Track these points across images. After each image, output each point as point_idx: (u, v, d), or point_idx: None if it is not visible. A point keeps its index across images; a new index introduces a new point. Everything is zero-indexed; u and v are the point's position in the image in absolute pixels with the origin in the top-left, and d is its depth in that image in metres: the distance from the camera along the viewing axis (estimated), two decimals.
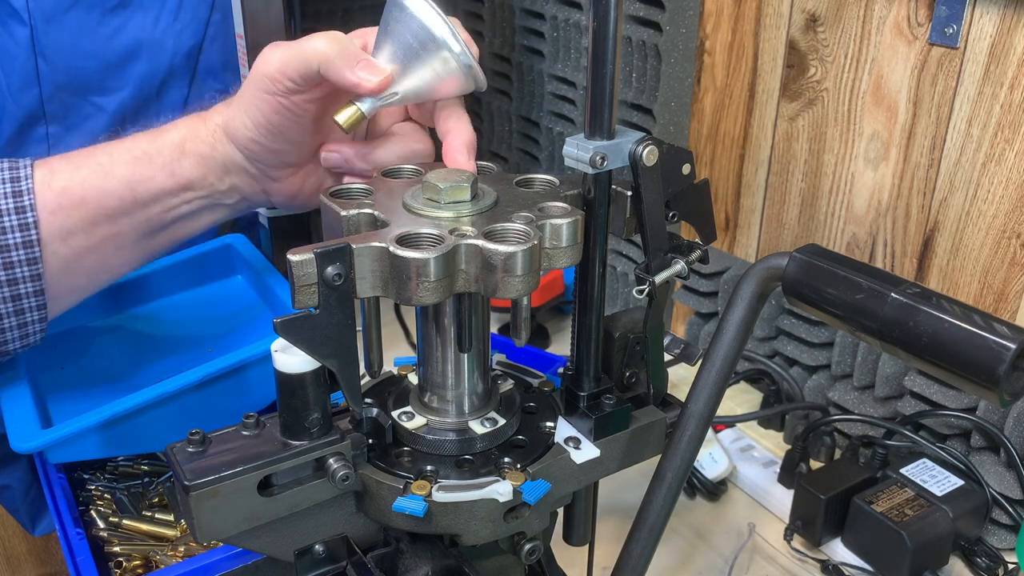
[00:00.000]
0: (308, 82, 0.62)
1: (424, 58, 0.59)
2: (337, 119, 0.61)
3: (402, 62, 0.60)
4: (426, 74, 0.60)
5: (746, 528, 0.86)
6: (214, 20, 1.01)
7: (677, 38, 1.00)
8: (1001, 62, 0.76)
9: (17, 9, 0.90)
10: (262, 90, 0.63)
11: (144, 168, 0.68)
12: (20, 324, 0.69)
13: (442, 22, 0.58)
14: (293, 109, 0.64)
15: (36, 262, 0.66)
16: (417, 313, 0.56)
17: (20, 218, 0.65)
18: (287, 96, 0.63)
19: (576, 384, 0.58)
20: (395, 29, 0.59)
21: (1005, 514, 0.80)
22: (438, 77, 0.60)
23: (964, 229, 0.82)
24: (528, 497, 0.52)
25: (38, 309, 0.69)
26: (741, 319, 0.51)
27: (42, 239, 0.66)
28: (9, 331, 0.69)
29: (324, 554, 0.55)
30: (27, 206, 0.65)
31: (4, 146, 0.95)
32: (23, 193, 0.65)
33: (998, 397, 0.42)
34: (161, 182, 0.68)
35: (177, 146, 0.68)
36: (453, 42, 0.59)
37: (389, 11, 0.60)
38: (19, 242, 0.65)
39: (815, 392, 0.96)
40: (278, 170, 0.69)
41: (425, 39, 0.59)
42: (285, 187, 0.70)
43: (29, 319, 0.69)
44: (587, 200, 0.54)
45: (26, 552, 1.44)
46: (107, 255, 0.69)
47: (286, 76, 0.62)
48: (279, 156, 0.67)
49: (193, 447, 0.51)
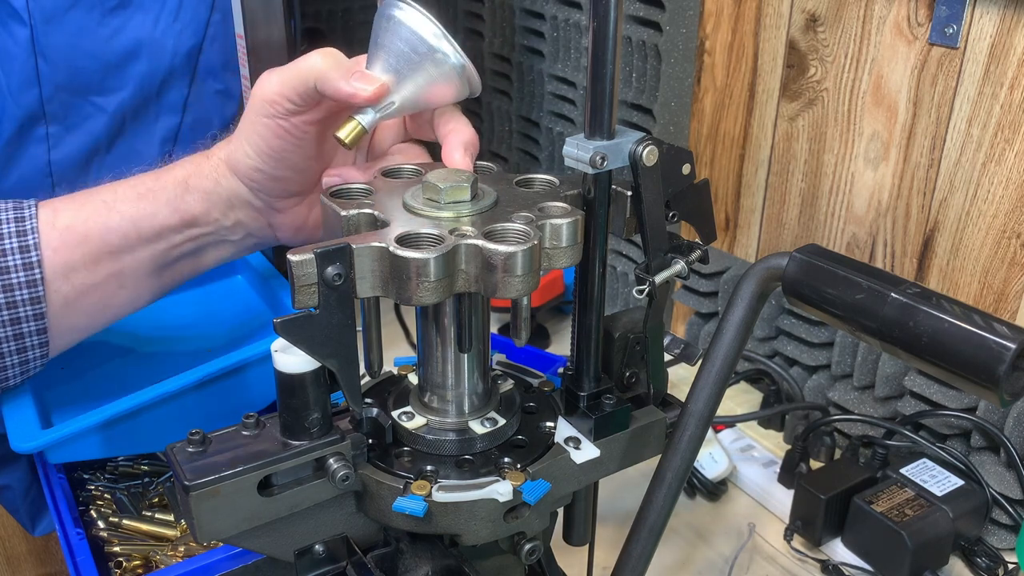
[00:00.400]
0: (306, 100, 0.62)
1: (418, 64, 0.59)
2: (339, 135, 0.61)
3: (396, 71, 0.60)
4: (421, 80, 0.60)
5: (746, 528, 0.86)
6: (214, 20, 1.01)
7: (677, 38, 1.00)
8: (1001, 62, 0.76)
9: (17, 9, 0.90)
10: (262, 115, 0.63)
11: (148, 204, 0.68)
12: (22, 361, 0.69)
13: (432, 26, 0.58)
14: (294, 132, 0.64)
15: (40, 301, 0.67)
16: (417, 313, 0.56)
17: (24, 257, 0.66)
18: (287, 118, 0.63)
19: (576, 384, 0.58)
20: (386, 39, 0.59)
21: (1005, 514, 0.80)
22: (433, 82, 0.60)
23: (964, 229, 0.82)
24: (528, 497, 0.52)
25: (40, 347, 0.69)
26: (741, 319, 0.51)
27: (45, 277, 0.66)
28: (11, 368, 0.69)
29: (324, 554, 0.55)
30: (31, 245, 0.66)
31: (4, 146, 0.95)
32: (27, 232, 0.66)
33: (998, 397, 0.42)
34: (165, 218, 0.68)
35: (181, 182, 0.68)
36: (445, 44, 0.58)
37: (378, 22, 0.60)
38: (23, 281, 0.66)
39: (815, 392, 0.96)
40: (282, 200, 0.69)
41: (416, 44, 0.59)
42: (290, 219, 0.70)
43: (31, 356, 0.69)
44: (587, 200, 0.54)
45: (26, 552, 1.44)
46: (110, 293, 0.70)
47: (284, 97, 0.62)
48: (283, 185, 0.67)
49: (193, 447, 0.51)
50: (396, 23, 0.59)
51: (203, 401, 0.75)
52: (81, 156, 0.98)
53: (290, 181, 0.67)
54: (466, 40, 1.37)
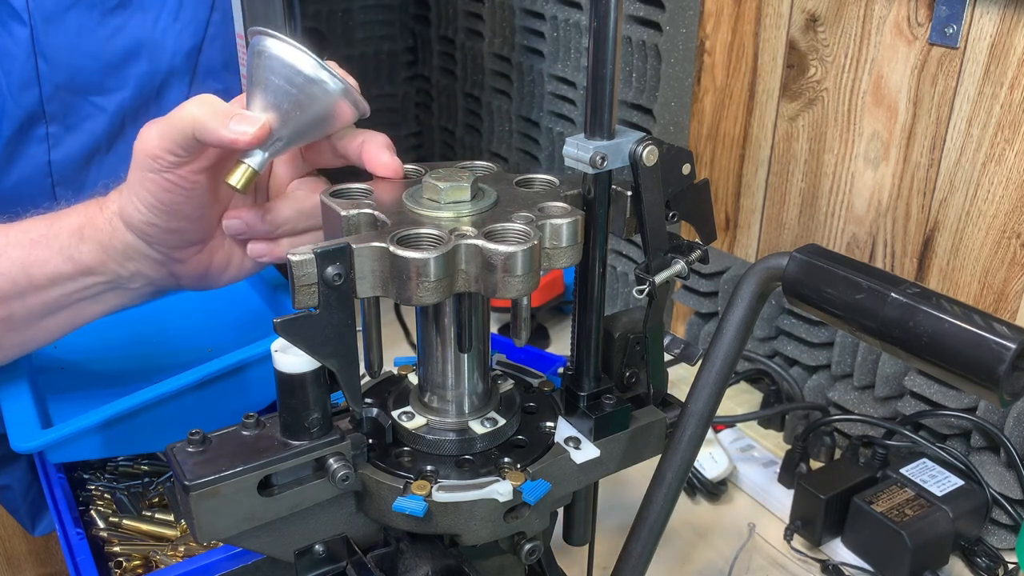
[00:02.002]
0: (189, 151, 0.60)
1: (298, 97, 0.57)
2: (229, 182, 0.59)
3: (277, 107, 0.58)
4: (305, 113, 0.58)
5: (746, 528, 0.86)
6: (214, 20, 1.01)
7: (677, 38, 1.00)
8: (1001, 62, 0.76)
9: (17, 9, 0.90)
10: (147, 170, 0.61)
11: (41, 251, 0.66)
12: None
13: (305, 56, 0.56)
14: (182, 183, 0.62)
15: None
16: (417, 313, 0.56)
17: None
18: (173, 171, 0.61)
19: (576, 384, 0.58)
20: (261, 76, 0.58)
21: (1005, 514, 0.80)
22: (317, 112, 0.58)
23: (964, 229, 0.82)
24: (528, 497, 0.52)
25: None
26: (741, 319, 0.51)
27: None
28: None
29: (324, 554, 0.55)
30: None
31: (4, 146, 0.95)
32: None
33: (998, 397, 0.42)
34: (58, 266, 0.66)
35: (75, 231, 0.66)
36: (322, 73, 0.57)
37: (251, 60, 0.58)
38: None
39: (815, 392, 0.96)
40: (181, 251, 0.66)
41: (292, 77, 0.57)
42: (192, 267, 0.67)
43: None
44: (587, 200, 0.54)
45: (26, 552, 1.44)
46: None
47: (166, 150, 0.60)
48: (180, 235, 0.65)
49: (193, 447, 0.51)
50: (268, 58, 0.57)
51: (203, 401, 0.75)
52: (81, 156, 0.98)
53: (186, 231, 0.65)
54: (466, 40, 1.38)
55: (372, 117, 0.62)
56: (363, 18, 1.43)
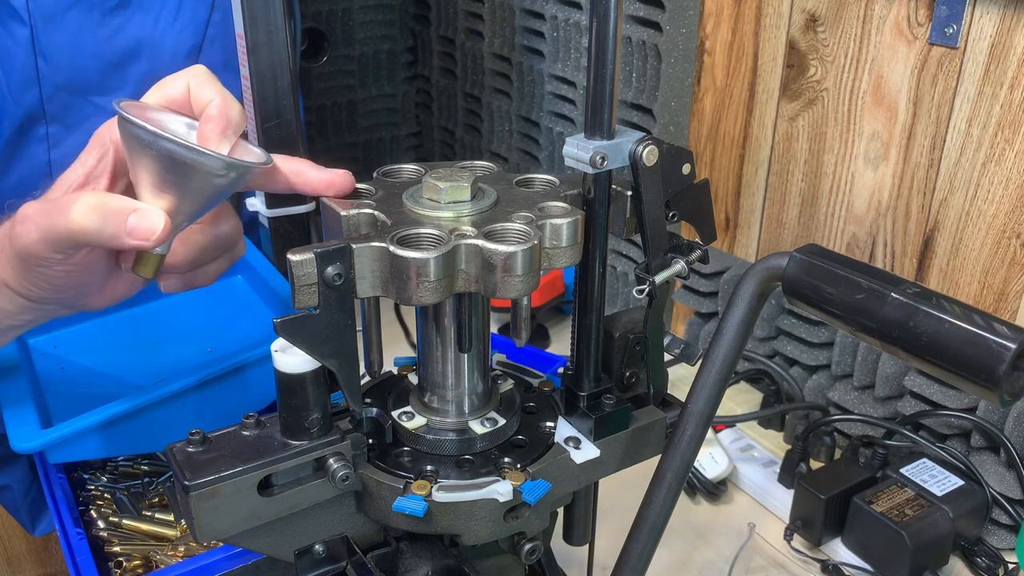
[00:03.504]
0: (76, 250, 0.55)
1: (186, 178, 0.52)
2: (137, 272, 0.55)
3: (169, 189, 0.53)
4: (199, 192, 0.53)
5: (746, 528, 0.86)
6: (214, 20, 1.00)
7: (677, 38, 1.00)
8: (1001, 62, 0.76)
9: (17, 9, 0.90)
10: (34, 266, 0.56)
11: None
12: None
13: (178, 146, 0.50)
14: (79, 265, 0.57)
15: None
16: (417, 313, 0.56)
17: None
18: (63, 264, 0.56)
19: (576, 384, 0.58)
20: (142, 161, 0.52)
21: (1005, 514, 0.80)
22: (211, 191, 0.53)
23: (964, 229, 0.82)
24: (528, 497, 0.52)
25: None
26: (741, 319, 0.51)
27: None
28: None
29: (324, 554, 0.55)
30: None
31: (4, 146, 0.95)
32: None
33: (998, 397, 0.42)
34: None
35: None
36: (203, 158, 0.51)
37: (125, 141, 0.52)
38: None
39: (815, 392, 0.96)
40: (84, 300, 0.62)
41: (173, 166, 0.51)
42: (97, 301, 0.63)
43: None
44: (587, 200, 0.54)
45: (26, 552, 1.44)
46: None
47: (52, 251, 0.55)
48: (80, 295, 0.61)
49: (193, 447, 0.51)
50: (143, 145, 0.51)
51: (203, 401, 0.75)
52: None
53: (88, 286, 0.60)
54: (466, 40, 1.38)
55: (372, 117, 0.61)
56: (363, 18, 1.43)
